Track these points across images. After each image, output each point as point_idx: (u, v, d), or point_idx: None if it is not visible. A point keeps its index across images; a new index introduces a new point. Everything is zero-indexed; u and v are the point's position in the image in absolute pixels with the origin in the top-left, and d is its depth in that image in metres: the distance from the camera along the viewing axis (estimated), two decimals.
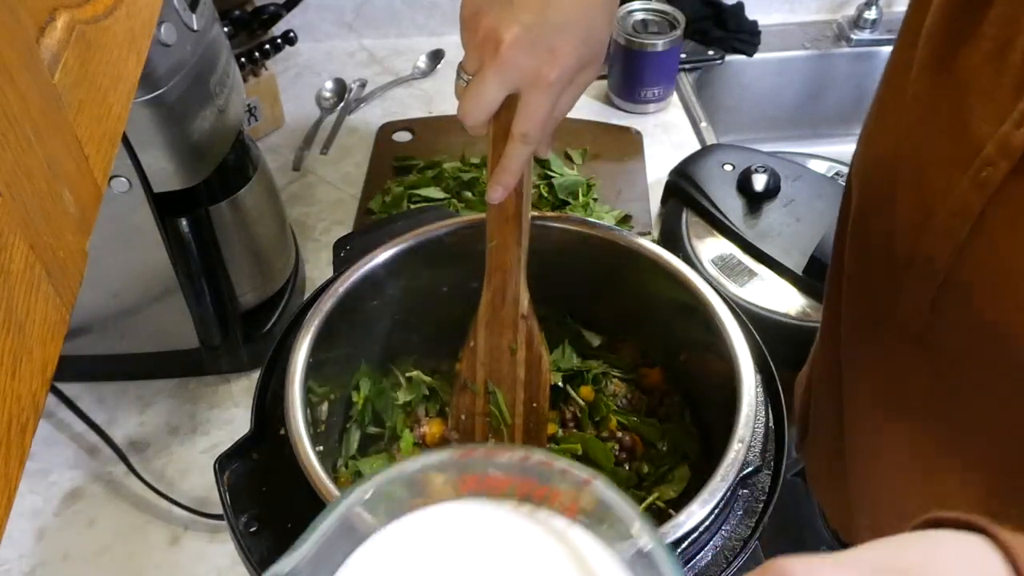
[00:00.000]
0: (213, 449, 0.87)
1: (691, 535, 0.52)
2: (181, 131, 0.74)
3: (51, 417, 0.89)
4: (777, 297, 0.96)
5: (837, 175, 1.15)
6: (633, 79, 1.25)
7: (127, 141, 0.72)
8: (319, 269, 1.04)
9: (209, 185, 0.80)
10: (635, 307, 0.72)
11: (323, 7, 1.37)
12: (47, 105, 0.39)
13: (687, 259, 0.97)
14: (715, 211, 1.02)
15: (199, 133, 0.76)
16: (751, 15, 1.40)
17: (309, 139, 1.22)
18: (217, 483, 0.57)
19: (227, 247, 0.85)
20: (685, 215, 1.05)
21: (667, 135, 1.24)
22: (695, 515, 0.52)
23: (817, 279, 0.92)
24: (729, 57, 1.37)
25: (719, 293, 0.64)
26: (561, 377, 0.72)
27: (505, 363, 0.67)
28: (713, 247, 1.01)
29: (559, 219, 0.72)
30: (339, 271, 0.69)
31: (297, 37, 1.20)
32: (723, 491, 0.53)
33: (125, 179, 0.74)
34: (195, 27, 0.76)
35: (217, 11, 0.84)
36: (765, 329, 0.65)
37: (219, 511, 0.58)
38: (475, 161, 1.13)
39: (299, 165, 1.18)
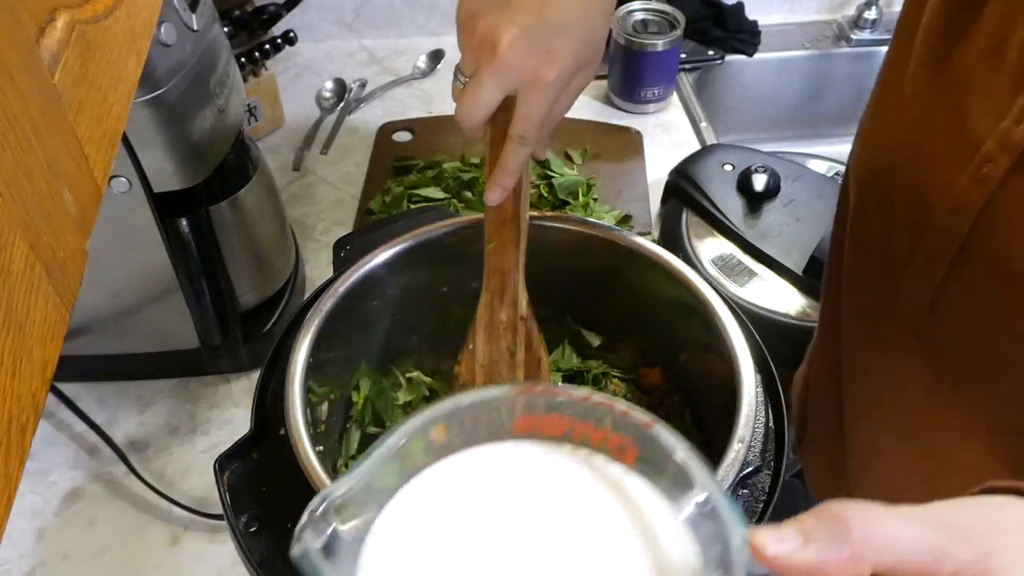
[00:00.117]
0: (213, 449, 0.87)
1: None
2: (181, 131, 0.74)
3: (51, 417, 0.89)
4: (777, 297, 0.96)
5: (837, 175, 1.15)
6: (633, 79, 1.25)
7: (127, 141, 0.72)
8: (319, 269, 1.04)
9: (209, 185, 0.80)
10: (635, 307, 0.71)
11: (323, 7, 1.37)
12: (47, 105, 0.39)
13: (687, 259, 0.97)
14: (715, 211, 1.02)
15: (199, 133, 0.76)
16: (751, 15, 1.40)
17: (309, 139, 1.22)
18: (217, 483, 0.57)
19: (227, 247, 0.85)
20: (685, 215, 1.05)
21: (667, 135, 1.24)
22: None
23: (817, 279, 0.92)
24: (729, 57, 1.37)
25: (719, 293, 0.64)
26: (561, 377, 0.72)
27: (504, 365, 0.67)
28: (713, 247, 1.01)
29: (559, 219, 0.72)
30: (339, 271, 0.69)
31: (297, 37, 1.21)
32: None
33: (125, 179, 0.74)
34: (195, 27, 0.76)
35: (217, 11, 0.84)
36: (765, 329, 0.65)
37: (219, 511, 0.58)
38: (475, 161, 1.13)
39: (299, 165, 1.18)
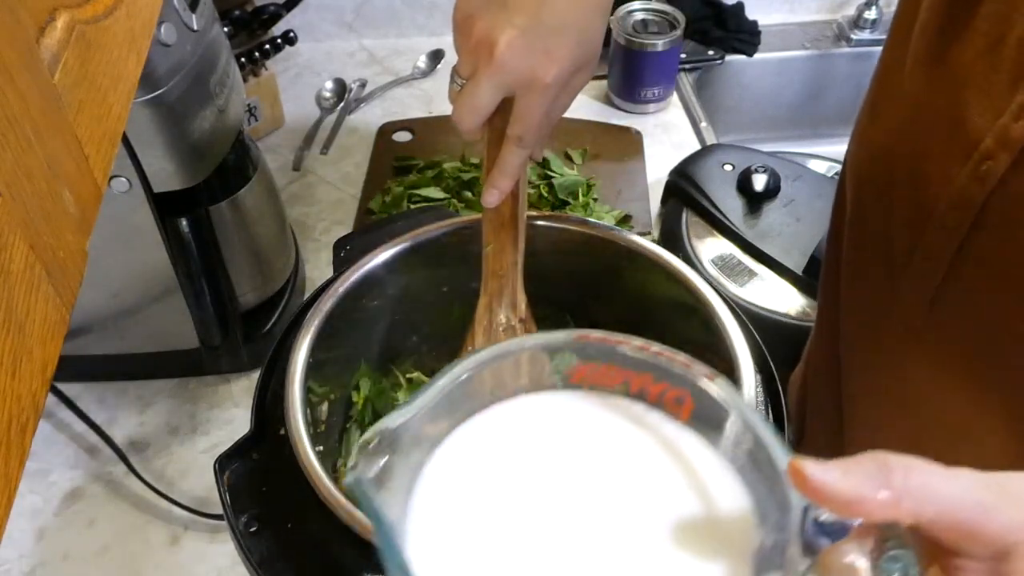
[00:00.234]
0: (213, 449, 0.87)
1: None
2: (181, 131, 0.74)
3: (51, 417, 0.89)
4: (777, 297, 0.96)
5: (837, 175, 1.14)
6: (633, 79, 1.25)
7: (127, 141, 0.72)
8: (319, 269, 1.04)
9: (209, 185, 0.80)
10: (635, 307, 0.71)
11: (323, 7, 1.37)
12: (47, 105, 0.39)
13: (687, 259, 0.97)
14: (715, 211, 1.02)
15: (199, 133, 0.76)
16: (751, 15, 1.40)
17: (309, 139, 1.22)
18: (217, 483, 0.57)
19: (227, 247, 0.85)
20: (685, 215, 1.05)
21: (667, 135, 1.24)
22: None
23: (817, 279, 0.92)
24: (729, 57, 1.37)
25: (719, 293, 0.64)
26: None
27: None
28: (713, 247, 1.01)
29: (559, 219, 0.72)
30: (339, 271, 0.69)
31: (297, 37, 1.20)
32: None
33: (125, 179, 0.74)
34: (195, 27, 0.76)
35: (217, 11, 0.84)
36: (765, 329, 0.64)
37: (219, 511, 0.58)
38: (475, 161, 1.13)
39: (299, 165, 1.18)
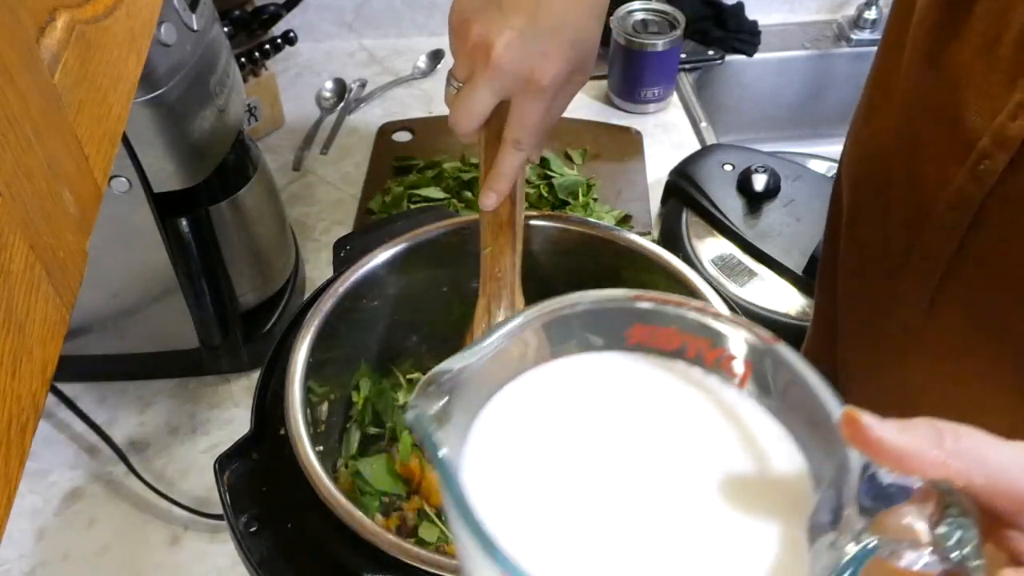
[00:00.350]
0: (213, 449, 0.87)
1: None
2: (181, 131, 0.74)
3: (51, 417, 0.89)
4: (777, 297, 0.96)
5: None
6: (633, 79, 1.25)
7: (127, 141, 0.72)
8: (319, 269, 1.04)
9: (209, 185, 0.80)
10: None
11: (323, 7, 1.37)
12: (47, 105, 0.39)
13: (687, 259, 0.97)
14: (715, 211, 1.02)
15: (199, 133, 0.76)
16: (751, 15, 1.40)
17: (309, 139, 1.22)
18: (217, 483, 0.57)
19: (227, 247, 0.85)
20: (685, 215, 1.05)
21: (667, 135, 1.24)
22: None
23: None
24: (729, 57, 1.37)
25: (719, 293, 0.64)
26: None
27: None
28: (713, 247, 1.02)
29: (559, 219, 0.72)
30: (339, 271, 0.69)
31: (297, 37, 1.20)
32: None
33: (125, 179, 0.74)
34: (195, 27, 0.76)
35: (217, 11, 0.84)
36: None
37: (219, 511, 0.58)
38: (475, 161, 1.12)
39: (299, 165, 1.18)
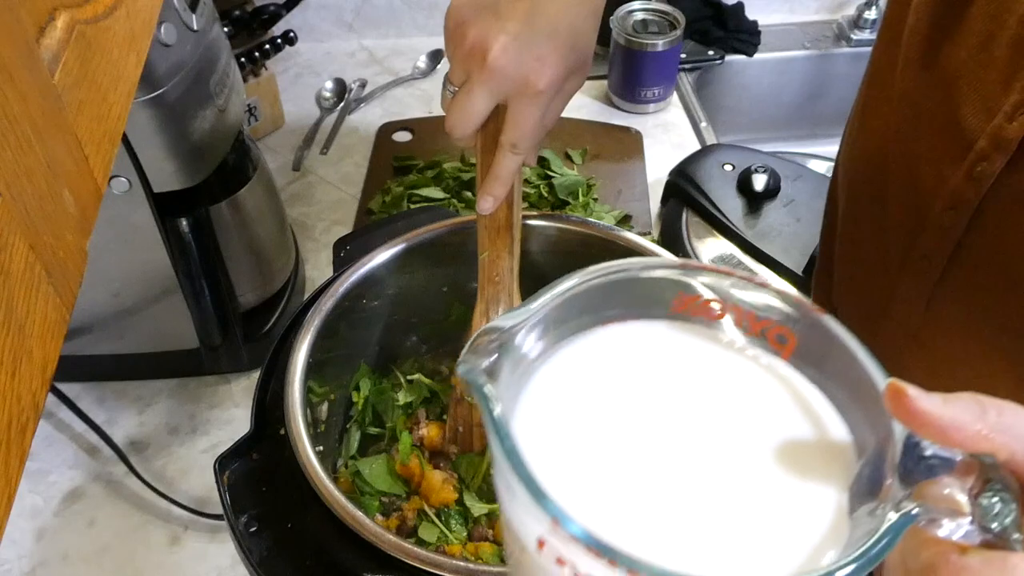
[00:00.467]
0: (213, 449, 0.87)
1: None
2: (181, 131, 0.74)
3: (51, 417, 0.89)
4: None
5: None
6: (633, 79, 1.25)
7: (127, 141, 0.72)
8: (319, 269, 1.04)
9: (209, 185, 0.80)
10: None
11: (323, 7, 1.37)
12: (47, 105, 0.39)
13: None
14: (715, 211, 1.02)
15: (199, 133, 0.76)
16: (751, 15, 1.40)
17: (309, 139, 1.22)
18: (217, 483, 0.57)
19: (227, 247, 0.85)
20: (685, 215, 1.05)
21: (667, 135, 1.24)
22: None
23: None
24: (729, 57, 1.37)
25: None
26: None
27: None
28: (713, 247, 1.01)
29: (559, 219, 0.72)
30: (339, 271, 0.69)
31: (297, 37, 1.20)
32: None
33: (125, 179, 0.74)
34: (195, 27, 0.76)
35: (217, 11, 0.84)
36: None
37: (219, 511, 0.58)
38: (475, 161, 1.12)
39: (299, 165, 1.18)
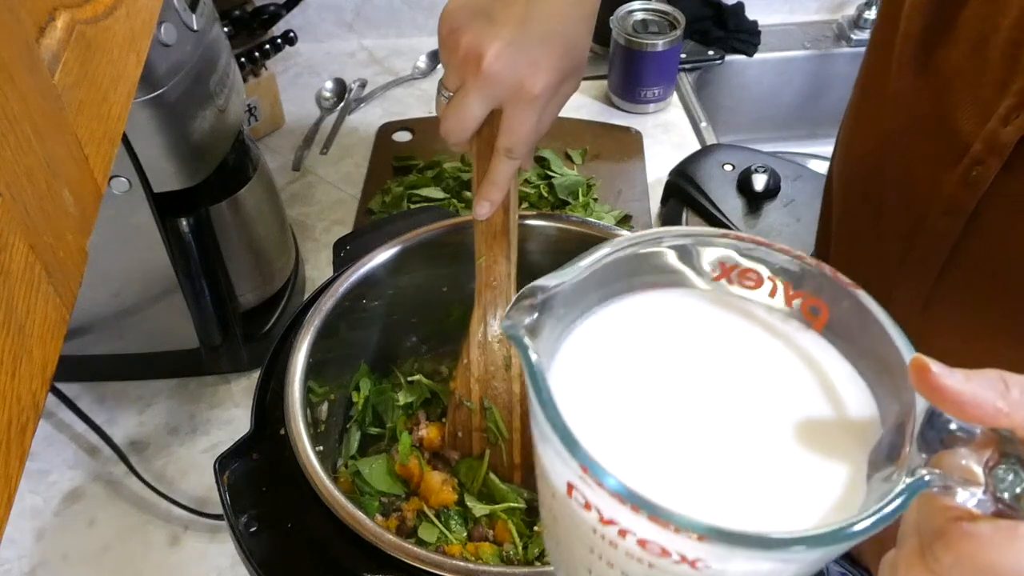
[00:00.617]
0: (213, 449, 0.87)
1: None
2: (181, 131, 0.74)
3: (51, 417, 0.89)
4: None
5: None
6: (633, 79, 1.25)
7: (127, 141, 0.72)
8: (319, 269, 1.04)
9: (209, 185, 0.80)
10: None
11: (323, 7, 1.37)
12: (47, 105, 0.39)
13: None
14: (715, 211, 1.02)
15: (199, 133, 0.76)
16: (751, 15, 1.40)
17: (309, 139, 1.22)
18: (217, 483, 0.57)
19: (227, 247, 0.85)
20: (685, 215, 1.05)
21: (667, 135, 1.24)
22: None
23: None
24: (729, 57, 1.37)
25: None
26: None
27: (500, 379, 0.67)
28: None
29: (559, 219, 0.72)
30: (339, 271, 0.69)
31: (297, 37, 1.20)
32: None
33: (125, 179, 0.74)
34: (195, 27, 0.76)
35: (217, 11, 0.84)
36: None
37: (219, 511, 0.58)
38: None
39: (299, 165, 1.18)
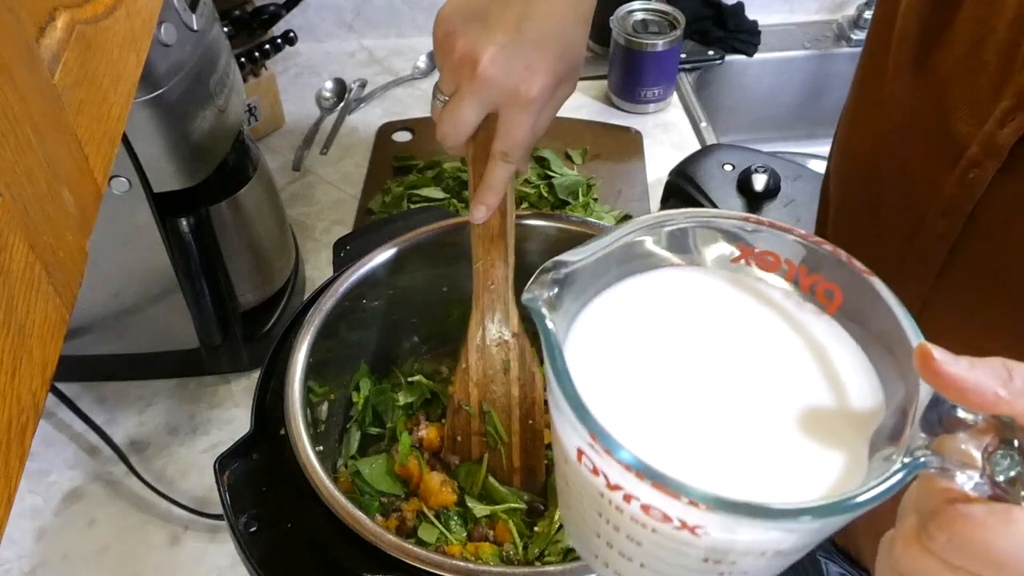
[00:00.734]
0: (213, 449, 0.87)
1: None
2: (181, 131, 0.74)
3: (51, 417, 0.89)
4: None
5: None
6: (633, 79, 1.25)
7: (127, 141, 0.72)
8: (319, 269, 1.04)
9: (209, 185, 0.80)
10: None
11: (323, 7, 1.37)
12: (47, 105, 0.39)
13: None
14: None
15: (199, 133, 0.76)
16: (751, 15, 1.40)
17: (309, 139, 1.22)
18: (217, 483, 0.57)
19: (227, 247, 0.85)
20: None
21: (667, 135, 1.24)
22: None
23: None
24: (729, 57, 1.37)
25: None
26: None
27: (499, 383, 0.67)
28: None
29: (559, 219, 0.72)
30: (339, 271, 0.69)
31: (297, 37, 1.20)
32: None
33: (125, 179, 0.74)
34: (195, 27, 0.76)
35: (217, 11, 0.84)
36: None
37: (219, 511, 0.58)
38: None
39: (299, 165, 1.18)
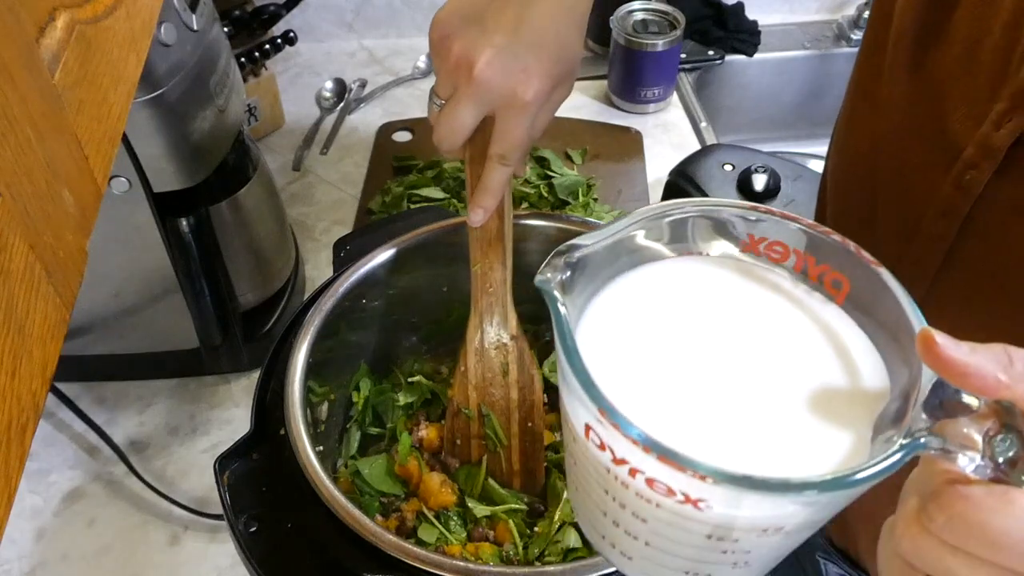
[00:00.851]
0: (213, 449, 0.87)
1: None
2: (181, 131, 0.74)
3: (51, 417, 0.89)
4: None
5: None
6: (633, 79, 1.25)
7: (127, 141, 0.72)
8: (319, 269, 1.04)
9: (209, 185, 0.80)
10: None
11: (323, 7, 1.37)
12: (47, 105, 0.39)
13: None
14: None
15: (199, 133, 0.76)
16: (751, 15, 1.40)
17: (309, 139, 1.22)
18: (217, 483, 0.57)
19: (227, 247, 0.85)
20: None
21: (667, 135, 1.24)
22: None
23: None
24: (729, 57, 1.37)
25: None
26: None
27: (498, 386, 0.67)
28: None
29: (559, 219, 0.72)
30: (339, 271, 0.69)
31: (297, 37, 1.20)
32: None
33: (125, 179, 0.74)
34: (195, 27, 0.76)
35: (217, 11, 0.84)
36: None
37: (219, 511, 0.58)
38: None
39: (299, 165, 1.18)
